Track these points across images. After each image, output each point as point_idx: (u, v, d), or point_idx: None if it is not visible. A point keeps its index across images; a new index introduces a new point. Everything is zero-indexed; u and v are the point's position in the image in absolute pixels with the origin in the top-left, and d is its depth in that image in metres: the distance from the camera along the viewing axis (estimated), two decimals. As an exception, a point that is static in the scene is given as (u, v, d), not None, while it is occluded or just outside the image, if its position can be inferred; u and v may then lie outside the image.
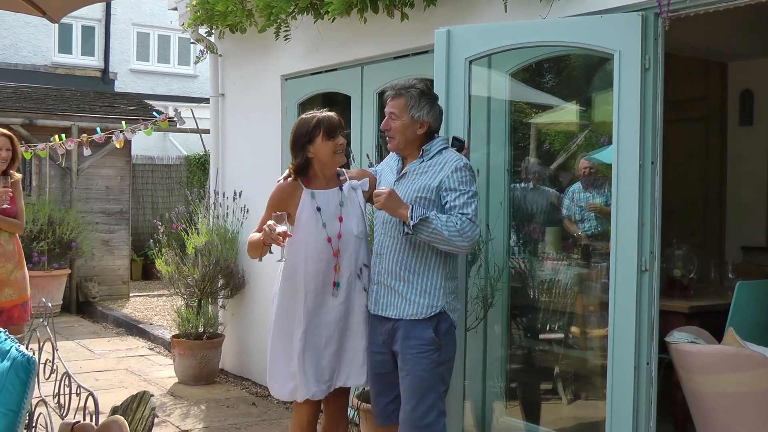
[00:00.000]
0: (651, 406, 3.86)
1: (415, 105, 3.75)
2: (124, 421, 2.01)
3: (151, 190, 14.52)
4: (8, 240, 5.61)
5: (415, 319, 3.68)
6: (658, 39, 3.82)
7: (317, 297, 3.81)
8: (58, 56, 17.86)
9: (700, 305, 4.88)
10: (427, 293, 3.69)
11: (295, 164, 3.85)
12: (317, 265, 3.79)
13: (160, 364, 7.70)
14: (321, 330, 3.81)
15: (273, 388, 3.98)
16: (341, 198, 3.86)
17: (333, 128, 3.80)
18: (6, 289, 5.51)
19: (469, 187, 3.66)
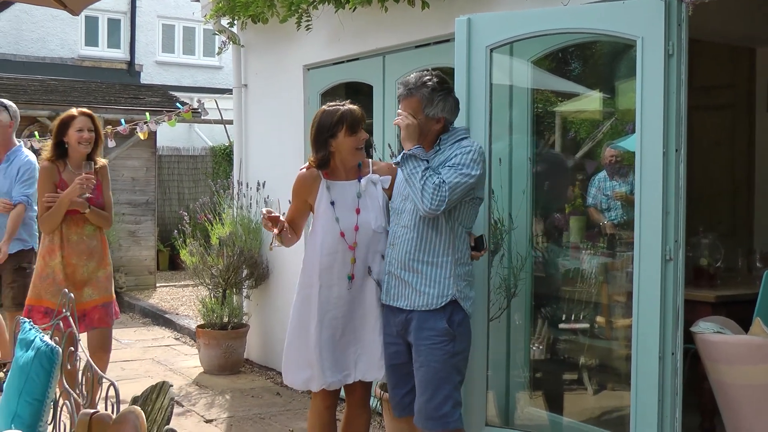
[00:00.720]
0: (676, 397, 3.81)
1: (429, 104, 3.69)
2: (141, 411, 2.02)
3: (177, 180, 14.60)
4: (92, 234, 5.04)
5: (427, 309, 3.66)
6: (681, 24, 3.75)
7: (331, 288, 3.81)
8: (84, 49, 17.99)
9: (727, 294, 4.81)
10: (437, 283, 3.66)
11: (316, 159, 3.84)
12: (330, 257, 3.79)
13: (186, 354, 7.74)
14: (337, 322, 3.82)
15: (286, 376, 4.00)
16: (359, 190, 3.85)
17: (356, 123, 3.79)
18: (86, 289, 4.98)
19: (469, 169, 3.57)
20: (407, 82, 3.75)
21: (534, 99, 4.94)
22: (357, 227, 3.80)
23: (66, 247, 4.93)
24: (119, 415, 2.12)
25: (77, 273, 4.95)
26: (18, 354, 3.37)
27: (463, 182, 3.54)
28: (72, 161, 4.97)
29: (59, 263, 4.90)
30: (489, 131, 4.19)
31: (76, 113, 4.97)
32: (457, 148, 3.67)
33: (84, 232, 4.98)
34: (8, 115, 5.88)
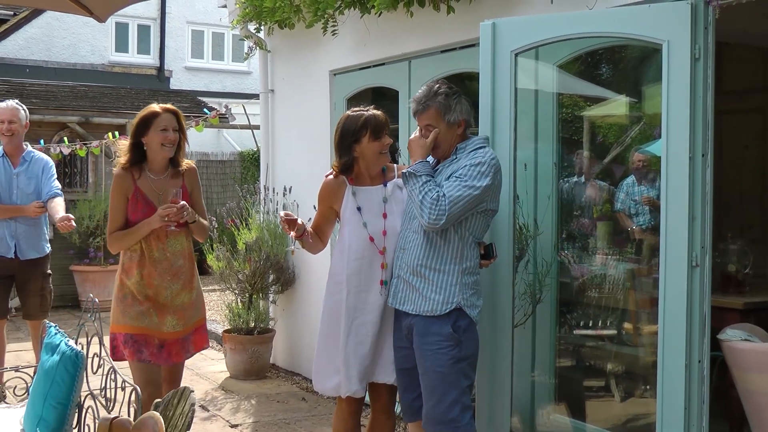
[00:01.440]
0: (703, 405, 3.76)
1: (447, 110, 3.71)
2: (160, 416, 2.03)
3: (205, 185, 14.64)
4: (179, 252, 4.21)
5: (430, 315, 3.65)
6: (708, 28, 3.71)
7: (360, 294, 3.81)
8: (114, 55, 18.15)
9: (756, 301, 4.75)
10: (442, 290, 3.65)
11: (339, 164, 3.86)
12: (358, 263, 3.79)
13: (213, 359, 7.77)
14: (366, 329, 3.81)
15: (316, 384, 4.01)
16: (385, 195, 3.86)
17: (380, 128, 3.80)
18: (169, 318, 4.19)
19: (474, 181, 3.56)
20: (418, 98, 3.76)
21: (560, 103, 4.91)
22: (385, 232, 3.80)
23: (147, 265, 4.15)
24: (138, 420, 2.13)
25: (159, 296, 4.18)
26: (44, 358, 3.41)
27: (465, 195, 3.53)
28: (152, 166, 4.24)
29: (137, 282, 4.15)
30: (514, 136, 4.17)
31: (159, 110, 4.23)
32: (470, 158, 3.66)
33: (167, 248, 4.18)
34: (24, 115, 6.02)
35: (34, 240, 6.00)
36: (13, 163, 5.95)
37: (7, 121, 5.92)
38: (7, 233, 5.86)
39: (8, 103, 6.04)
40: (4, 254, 5.87)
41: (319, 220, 4.03)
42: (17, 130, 5.96)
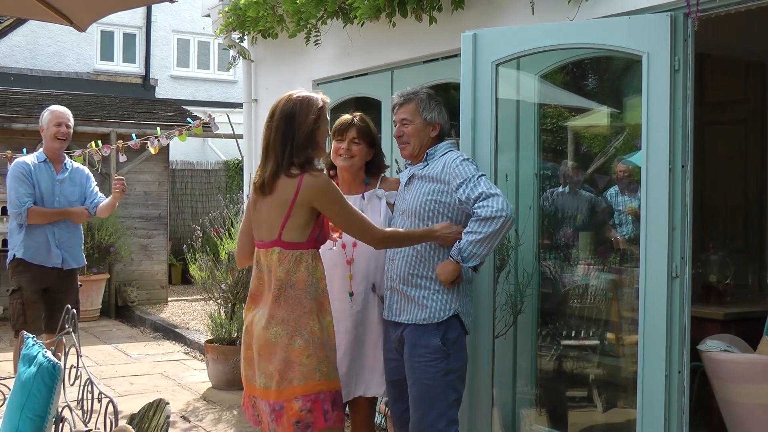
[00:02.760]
0: (683, 415, 3.76)
1: (426, 107, 3.77)
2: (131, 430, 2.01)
3: (190, 195, 14.64)
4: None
5: (425, 324, 3.62)
6: (688, 40, 3.73)
7: (333, 302, 3.78)
8: (100, 63, 18.10)
9: (736, 312, 4.76)
10: (440, 297, 3.64)
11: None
12: (331, 271, 3.77)
13: (195, 369, 7.73)
14: (340, 337, 3.79)
15: None
16: (361, 206, 3.84)
17: (338, 129, 3.88)
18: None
19: (473, 173, 3.60)
20: (402, 92, 3.85)
21: (541, 113, 4.92)
22: (355, 243, 3.78)
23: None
24: (110, 433, 2.11)
25: None
26: (21, 369, 3.37)
27: (483, 179, 3.58)
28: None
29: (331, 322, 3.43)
30: (495, 146, 4.17)
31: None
32: (445, 162, 3.68)
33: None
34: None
35: (76, 249, 5.85)
36: (55, 169, 5.79)
37: (64, 124, 5.77)
38: (52, 242, 5.67)
39: (61, 107, 5.91)
40: (47, 263, 5.65)
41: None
42: (71, 135, 5.88)
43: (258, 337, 3.27)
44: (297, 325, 3.22)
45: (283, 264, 3.25)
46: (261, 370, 3.25)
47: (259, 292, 3.38)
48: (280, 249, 3.27)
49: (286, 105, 3.39)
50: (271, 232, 3.30)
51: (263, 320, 3.26)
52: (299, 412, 3.18)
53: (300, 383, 3.19)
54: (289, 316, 3.22)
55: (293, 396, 3.18)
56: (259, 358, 3.26)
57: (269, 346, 3.22)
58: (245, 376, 3.40)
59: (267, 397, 3.24)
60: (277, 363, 3.20)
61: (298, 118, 3.34)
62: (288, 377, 3.19)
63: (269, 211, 3.31)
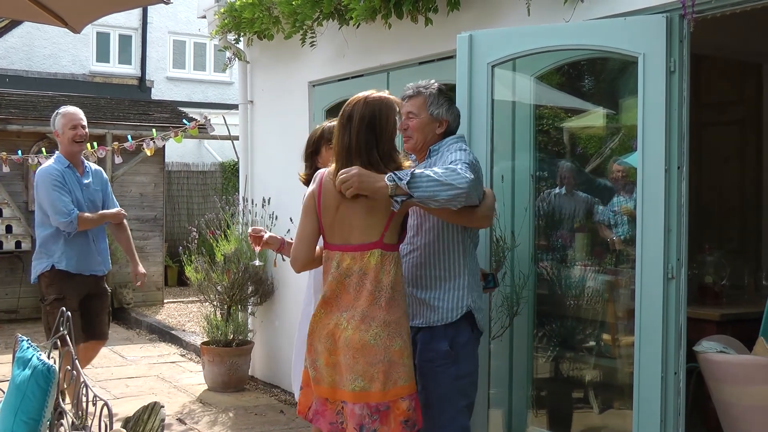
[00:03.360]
0: (679, 417, 3.76)
1: (434, 102, 3.65)
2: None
3: (186, 196, 14.63)
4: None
5: (434, 326, 3.52)
6: (683, 41, 3.73)
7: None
8: (96, 65, 18.09)
9: (732, 313, 4.76)
10: (451, 296, 3.52)
11: (305, 175, 3.91)
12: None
13: (191, 371, 7.72)
14: None
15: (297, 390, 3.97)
16: None
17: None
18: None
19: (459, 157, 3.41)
20: (413, 85, 3.73)
21: (537, 115, 4.92)
22: None
23: None
24: (105, 437, 2.09)
25: None
26: (15, 372, 3.36)
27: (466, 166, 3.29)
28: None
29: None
30: (491, 147, 4.17)
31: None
32: (444, 154, 3.58)
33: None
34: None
35: (106, 253, 5.79)
36: (79, 173, 5.60)
37: (80, 125, 5.58)
38: (94, 249, 5.59)
39: (73, 108, 5.71)
40: (85, 271, 5.56)
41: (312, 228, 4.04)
42: (87, 135, 5.70)
43: (350, 340, 3.23)
44: (398, 326, 3.25)
45: (385, 266, 3.26)
46: (356, 374, 3.22)
47: (336, 296, 3.33)
48: (382, 251, 3.26)
49: (365, 108, 3.35)
50: (368, 235, 3.27)
51: (354, 322, 3.24)
52: (407, 411, 3.22)
53: (405, 383, 3.23)
54: (390, 318, 3.24)
55: (399, 396, 3.22)
56: (353, 361, 3.22)
57: (367, 348, 3.21)
58: (330, 382, 3.33)
59: (367, 399, 3.22)
60: (379, 364, 3.20)
61: (380, 122, 3.31)
62: (393, 378, 3.21)
63: (362, 214, 3.27)
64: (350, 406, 3.23)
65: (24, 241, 10.42)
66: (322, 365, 3.33)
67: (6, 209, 10.36)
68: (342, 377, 3.26)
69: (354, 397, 3.22)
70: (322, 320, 3.34)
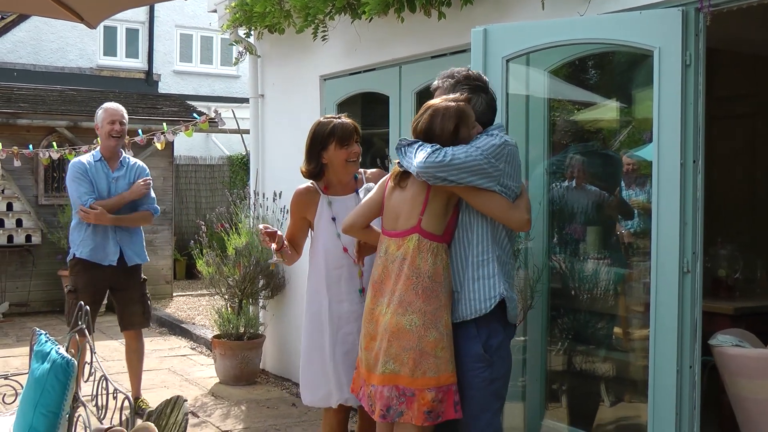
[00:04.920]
0: (694, 410, 3.77)
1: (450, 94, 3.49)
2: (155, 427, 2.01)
3: (194, 190, 14.66)
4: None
5: (469, 319, 3.37)
6: (699, 35, 3.72)
7: (341, 304, 3.81)
8: (103, 59, 18.11)
9: (746, 306, 4.76)
10: (481, 284, 3.36)
11: (307, 169, 3.87)
12: (337, 272, 3.79)
13: (202, 364, 7.75)
14: (352, 337, 3.79)
15: (305, 396, 3.98)
16: (357, 201, 3.84)
17: (347, 136, 3.81)
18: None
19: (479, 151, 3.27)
20: (440, 74, 3.65)
21: (551, 108, 4.92)
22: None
23: None
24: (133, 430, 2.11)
25: None
26: (34, 366, 3.39)
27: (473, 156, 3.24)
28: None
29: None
30: (505, 142, 4.16)
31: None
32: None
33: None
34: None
35: (138, 246, 5.93)
36: (110, 167, 5.85)
37: (118, 121, 5.86)
38: (112, 240, 5.75)
39: (115, 104, 6.00)
40: (104, 261, 5.74)
41: (293, 230, 4.02)
42: (125, 132, 5.94)
43: (388, 324, 3.29)
44: (434, 317, 3.26)
45: (422, 253, 3.28)
46: (389, 356, 3.27)
47: (381, 280, 3.40)
48: (419, 237, 3.30)
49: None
50: (409, 221, 3.34)
51: (393, 306, 3.29)
52: (431, 402, 3.23)
53: (434, 375, 3.23)
54: (427, 307, 3.26)
55: (426, 386, 3.23)
56: (388, 344, 3.27)
57: (402, 332, 3.25)
58: (366, 365, 3.41)
59: (395, 381, 3.26)
60: (411, 351, 3.24)
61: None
62: (422, 368, 3.23)
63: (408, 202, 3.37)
64: (379, 388, 3.28)
65: (34, 234, 10.46)
66: (362, 348, 3.43)
67: (16, 203, 10.39)
68: (377, 362, 3.31)
69: (383, 379, 3.27)
70: (369, 304, 3.43)
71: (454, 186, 3.25)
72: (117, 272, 5.79)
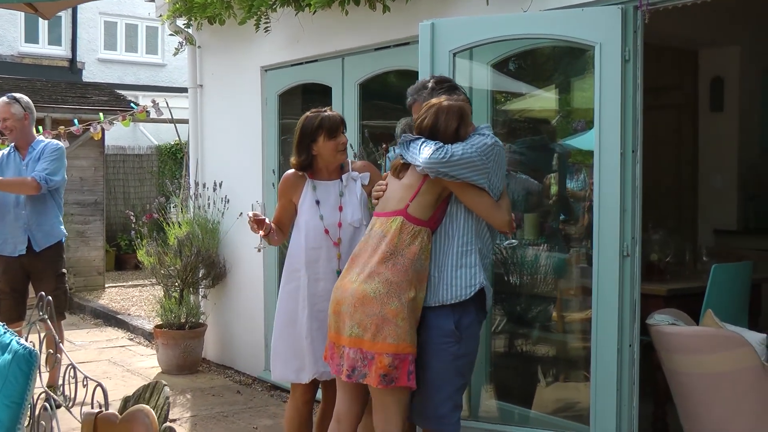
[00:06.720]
0: (634, 386, 4.00)
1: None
2: (150, 409, 2.09)
3: (122, 180, 14.47)
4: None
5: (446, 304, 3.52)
6: (637, 31, 3.94)
7: (318, 282, 3.96)
8: (24, 46, 17.68)
9: (678, 288, 5.03)
10: (464, 272, 3.53)
11: (298, 161, 4.01)
12: (315, 252, 3.95)
13: (142, 355, 7.73)
14: (324, 314, 3.92)
15: (275, 371, 4.11)
16: (341, 188, 4.04)
17: (334, 128, 3.98)
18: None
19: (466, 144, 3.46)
20: (411, 90, 3.83)
21: (494, 101, 5.08)
22: (340, 223, 3.97)
23: None
24: (127, 413, 2.18)
25: None
26: (-8, 357, 3.39)
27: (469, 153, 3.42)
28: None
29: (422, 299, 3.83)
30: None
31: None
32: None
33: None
34: (21, 107, 5.85)
35: (48, 225, 5.86)
36: (21, 155, 5.85)
37: (1, 119, 5.81)
38: (19, 229, 5.74)
39: (1, 99, 5.88)
40: (12, 253, 5.75)
41: (280, 213, 4.16)
42: (14, 126, 5.82)
43: (355, 291, 3.49)
44: (398, 288, 3.44)
45: (403, 235, 3.48)
46: (355, 321, 3.47)
47: (358, 254, 3.61)
48: (404, 220, 3.51)
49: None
50: (397, 205, 3.55)
51: (363, 276, 3.49)
52: (387, 367, 3.40)
53: (393, 341, 3.40)
54: (393, 278, 3.45)
55: (385, 351, 3.40)
56: (353, 309, 3.47)
57: (367, 299, 3.45)
58: (335, 328, 3.59)
59: (359, 345, 3.46)
60: (373, 317, 3.43)
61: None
62: (383, 333, 3.41)
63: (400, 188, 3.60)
64: (347, 350, 3.50)
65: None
66: (330, 313, 3.62)
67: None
68: (343, 325, 3.52)
69: (350, 342, 3.48)
70: (343, 274, 3.64)
71: (451, 181, 3.45)
72: (30, 259, 5.82)
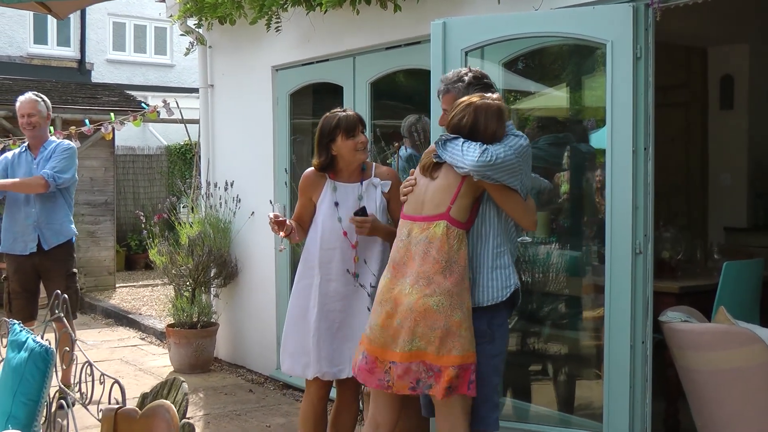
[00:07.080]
0: (646, 383, 4.01)
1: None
2: (171, 405, 2.11)
3: (132, 180, 14.52)
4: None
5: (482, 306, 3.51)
6: (648, 29, 3.95)
7: (330, 282, 3.98)
8: (33, 47, 17.73)
9: (690, 285, 5.03)
10: (499, 273, 3.52)
11: (319, 162, 4.03)
12: (330, 253, 3.97)
13: (154, 354, 7.77)
14: (335, 315, 3.97)
15: (284, 363, 4.16)
16: (360, 192, 4.06)
17: (352, 127, 3.99)
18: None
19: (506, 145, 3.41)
20: (445, 78, 3.74)
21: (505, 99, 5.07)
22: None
23: None
24: (147, 409, 2.21)
25: None
26: (10, 355, 3.42)
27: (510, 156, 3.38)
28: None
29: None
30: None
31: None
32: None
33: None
34: (45, 106, 5.91)
35: (58, 224, 5.87)
36: (34, 155, 5.89)
37: (26, 114, 5.83)
38: (29, 227, 5.77)
39: (27, 95, 5.93)
40: (23, 252, 5.80)
41: (300, 210, 4.19)
42: (38, 123, 5.86)
43: (413, 304, 3.40)
44: (459, 298, 3.40)
45: (450, 239, 3.42)
46: (415, 335, 3.38)
47: (403, 262, 3.51)
48: (447, 224, 3.43)
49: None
50: (436, 208, 3.47)
51: (419, 288, 3.41)
52: (453, 379, 3.36)
53: (459, 353, 3.36)
54: (453, 289, 3.39)
55: (451, 364, 3.35)
56: (413, 323, 3.38)
57: (429, 312, 3.37)
58: (381, 342, 3.47)
59: (422, 358, 3.38)
60: (437, 330, 3.36)
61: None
62: (447, 346, 3.36)
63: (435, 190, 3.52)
64: (400, 366, 3.40)
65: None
66: (377, 326, 3.49)
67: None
68: (396, 340, 3.42)
69: (408, 356, 3.39)
70: (388, 284, 3.53)
71: (491, 183, 3.39)
72: (41, 259, 5.85)
